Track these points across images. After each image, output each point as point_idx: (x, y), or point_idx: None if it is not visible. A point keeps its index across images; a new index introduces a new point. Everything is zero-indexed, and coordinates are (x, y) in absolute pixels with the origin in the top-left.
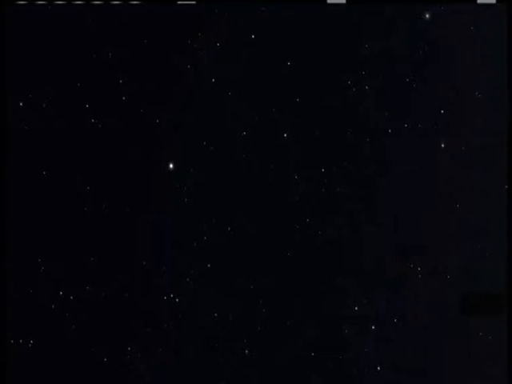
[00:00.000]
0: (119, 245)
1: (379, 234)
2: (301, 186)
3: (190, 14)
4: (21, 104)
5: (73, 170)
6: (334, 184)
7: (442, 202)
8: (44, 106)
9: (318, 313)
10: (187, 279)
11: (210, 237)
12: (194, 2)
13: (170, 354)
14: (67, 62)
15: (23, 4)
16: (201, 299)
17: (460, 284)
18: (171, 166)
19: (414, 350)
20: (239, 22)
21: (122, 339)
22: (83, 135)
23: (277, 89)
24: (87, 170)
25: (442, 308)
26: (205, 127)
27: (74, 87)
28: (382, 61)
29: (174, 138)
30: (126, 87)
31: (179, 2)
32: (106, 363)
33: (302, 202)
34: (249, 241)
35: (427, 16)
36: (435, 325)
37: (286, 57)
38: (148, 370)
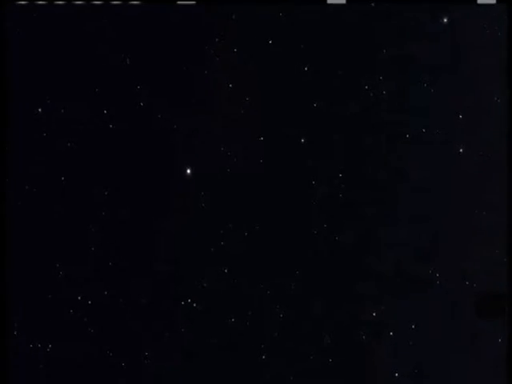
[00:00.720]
0: (137, 250)
1: (397, 239)
2: (318, 191)
3: (208, 19)
4: (39, 110)
5: (91, 175)
6: (352, 189)
7: (460, 206)
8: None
9: (336, 318)
10: (204, 284)
11: (227, 242)
12: (193, 2)
13: (187, 358)
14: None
15: (23, 4)
16: (218, 304)
17: (479, 289)
18: (188, 171)
19: (432, 356)
20: (256, 27)
21: (140, 344)
22: (100, 141)
23: (294, 94)
24: (105, 175)
25: (461, 313)
26: (222, 133)
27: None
28: (400, 65)
29: (191, 143)
30: (143, 93)
31: (179, 2)
32: (123, 367)
33: (319, 207)
34: (266, 246)
35: (445, 20)
36: (453, 331)
37: (303, 62)
38: (165, 375)
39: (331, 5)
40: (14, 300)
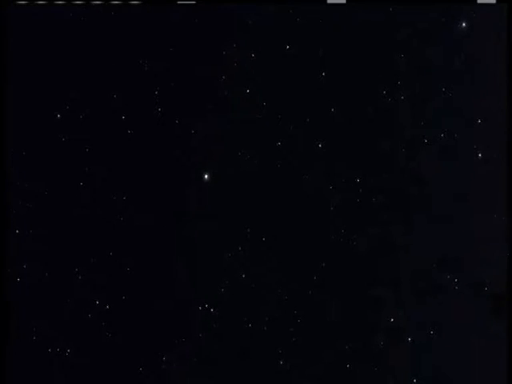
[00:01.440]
0: (154, 255)
1: (415, 245)
2: (336, 196)
3: (226, 24)
4: (59, 116)
5: (109, 180)
6: (370, 194)
7: (479, 211)
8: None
9: (354, 324)
10: (222, 289)
11: (245, 247)
12: (193, 2)
13: (205, 363)
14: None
15: (23, 4)
16: (235, 309)
17: (497, 295)
18: (206, 176)
19: (450, 361)
20: (273, 32)
21: (158, 349)
22: (119, 146)
23: (311, 99)
24: (123, 180)
25: (479, 319)
26: (240, 137)
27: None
28: (418, 70)
29: (208, 148)
30: (161, 98)
31: (179, 2)
32: (141, 372)
33: (337, 212)
34: (283, 251)
35: (464, 25)
36: (471, 336)
37: (320, 67)
38: (183, 379)
39: (349, 9)
40: (33, 305)
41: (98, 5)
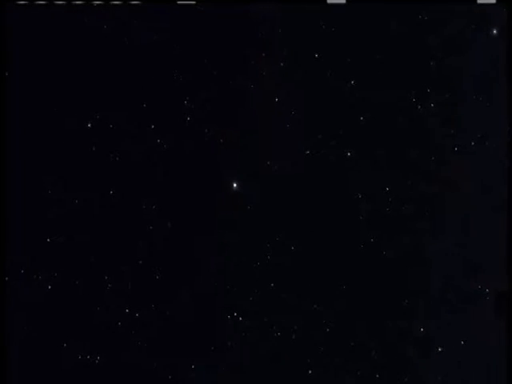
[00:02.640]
0: (183, 264)
1: (445, 253)
2: (365, 205)
3: (255, 34)
4: (89, 125)
5: (138, 189)
6: (399, 203)
7: (511, 219)
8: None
9: (383, 333)
10: (251, 298)
11: (274, 256)
12: (193, 2)
13: (234, 372)
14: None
15: (23, 4)
16: (264, 318)
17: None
18: (235, 185)
19: (481, 373)
20: (302, 40)
21: (186, 357)
22: (148, 155)
23: (340, 107)
24: (152, 189)
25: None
26: (268, 146)
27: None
28: (449, 77)
29: (237, 157)
30: (190, 107)
31: (179, 2)
32: (170, 381)
33: (366, 221)
34: (312, 260)
35: (494, 32)
36: (502, 348)
37: (349, 75)
38: None
39: (377, 17)
40: (64, 313)
41: (98, 5)
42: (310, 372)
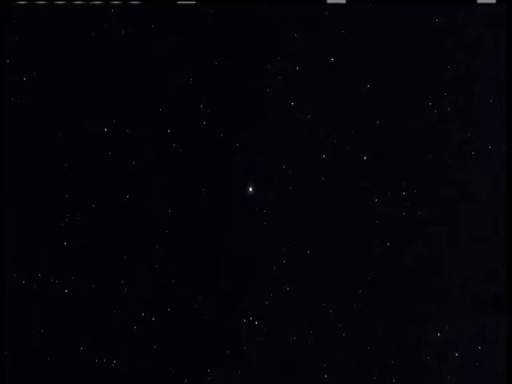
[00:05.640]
0: (199, 268)
1: (462, 258)
2: (381, 209)
3: (268, 37)
4: (105, 130)
5: (153, 193)
6: (416, 207)
7: None
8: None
9: (399, 339)
10: (266, 302)
11: (290, 260)
12: (193, 2)
13: (250, 376)
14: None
15: (23, 4)
16: (280, 322)
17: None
18: (250, 189)
19: (498, 378)
20: (318, 44)
21: (202, 361)
22: (164, 159)
23: (356, 111)
24: (167, 193)
25: None
26: (284, 150)
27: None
28: (465, 81)
29: (253, 161)
30: (206, 111)
31: (179, 2)
32: None
33: (382, 225)
34: (328, 264)
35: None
36: None
37: (365, 78)
38: None
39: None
40: (80, 316)
41: (98, 5)
42: (325, 376)
